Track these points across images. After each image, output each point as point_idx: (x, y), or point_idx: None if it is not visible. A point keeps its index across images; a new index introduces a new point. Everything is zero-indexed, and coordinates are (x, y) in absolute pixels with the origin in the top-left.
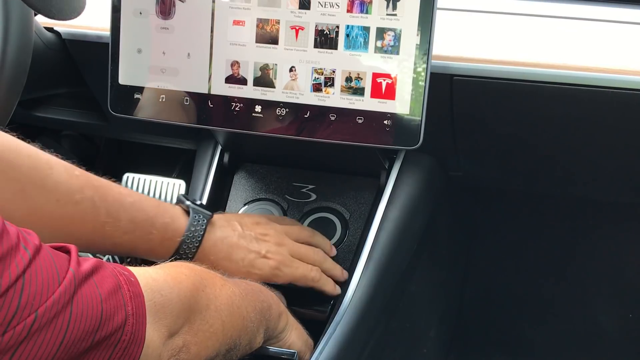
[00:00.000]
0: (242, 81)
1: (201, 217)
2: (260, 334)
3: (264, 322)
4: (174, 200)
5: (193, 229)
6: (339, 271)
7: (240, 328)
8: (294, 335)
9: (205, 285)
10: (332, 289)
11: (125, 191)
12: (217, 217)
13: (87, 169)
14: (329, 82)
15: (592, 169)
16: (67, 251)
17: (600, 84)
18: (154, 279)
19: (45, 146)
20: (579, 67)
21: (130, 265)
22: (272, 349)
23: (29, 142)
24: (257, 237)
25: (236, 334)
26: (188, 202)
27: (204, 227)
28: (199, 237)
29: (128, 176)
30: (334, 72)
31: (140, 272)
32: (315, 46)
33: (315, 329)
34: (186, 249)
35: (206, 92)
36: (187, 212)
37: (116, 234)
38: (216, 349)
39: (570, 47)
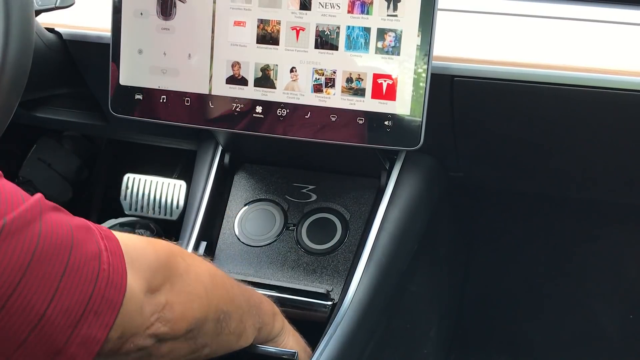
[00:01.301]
0: (243, 82)
1: None
2: (256, 324)
3: (256, 316)
4: (174, 201)
5: None
6: None
7: (227, 299)
8: (292, 341)
9: (183, 255)
10: None
11: None
12: None
13: (89, 171)
14: (330, 82)
15: (592, 170)
16: None
17: (601, 84)
18: (126, 236)
19: (46, 147)
20: (579, 68)
21: None
22: (273, 349)
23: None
24: None
25: (222, 303)
26: None
27: None
28: None
29: (129, 177)
30: (334, 72)
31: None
32: (316, 47)
33: (316, 330)
34: None
35: (207, 92)
36: None
37: None
38: (203, 313)
39: (570, 48)
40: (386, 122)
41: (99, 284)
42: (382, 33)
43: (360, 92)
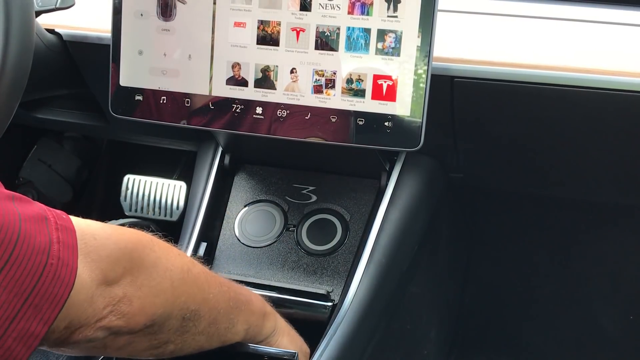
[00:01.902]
0: (243, 83)
1: None
2: (237, 325)
3: (243, 316)
4: (175, 202)
5: None
6: None
7: (198, 298)
8: (286, 340)
9: (154, 246)
10: None
11: None
12: None
13: (89, 172)
14: (330, 83)
15: (592, 171)
16: None
17: (601, 85)
18: (88, 224)
19: (47, 148)
20: (579, 69)
21: None
22: (272, 349)
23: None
24: None
25: (191, 301)
26: None
27: None
28: None
29: (129, 178)
30: (334, 73)
31: (76, 218)
32: (316, 48)
33: (316, 331)
34: None
35: (207, 93)
36: None
37: None
38: (167, 310)
39: (570, 49)
40: (386, 123)
41: (44, 278)
42: (382, 34)
43: (360, 93)
